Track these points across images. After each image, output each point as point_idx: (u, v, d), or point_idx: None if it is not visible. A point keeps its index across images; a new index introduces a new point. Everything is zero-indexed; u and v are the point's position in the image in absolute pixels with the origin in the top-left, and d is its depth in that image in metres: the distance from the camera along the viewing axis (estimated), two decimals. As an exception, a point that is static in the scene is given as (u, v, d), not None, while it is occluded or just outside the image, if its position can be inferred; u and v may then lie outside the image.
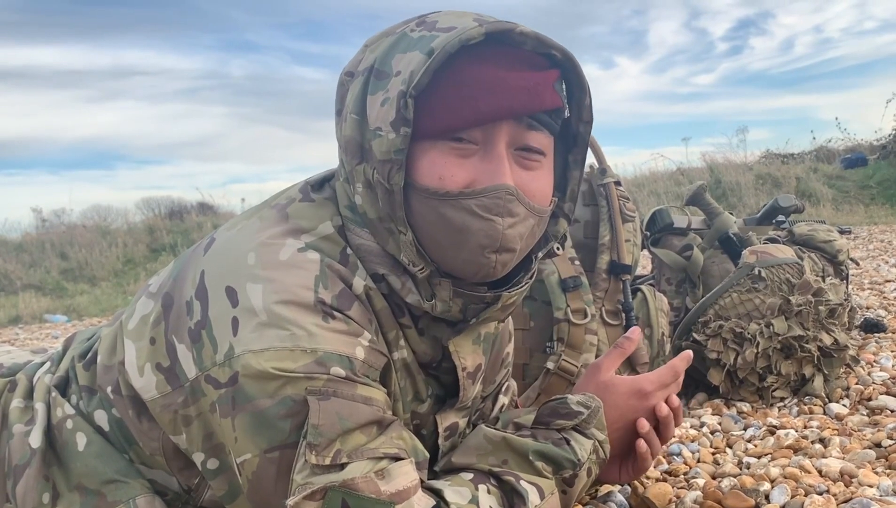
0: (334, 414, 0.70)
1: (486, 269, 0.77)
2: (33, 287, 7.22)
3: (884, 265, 3.66)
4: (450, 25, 0.74)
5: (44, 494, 0.82)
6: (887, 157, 9.07)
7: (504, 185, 0.74)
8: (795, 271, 1.60)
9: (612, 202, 1.48)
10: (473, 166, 0.75)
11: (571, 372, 1.34)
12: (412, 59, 0.73)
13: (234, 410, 0.72)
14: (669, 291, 1.93)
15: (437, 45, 0.72)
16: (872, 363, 1.76)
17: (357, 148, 0.76)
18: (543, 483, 0.83)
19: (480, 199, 0.74)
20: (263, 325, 0.71)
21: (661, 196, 8.35)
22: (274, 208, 0.83)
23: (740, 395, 1.56)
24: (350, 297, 0.76)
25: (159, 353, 0.78)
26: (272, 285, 0.73)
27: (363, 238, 0.80)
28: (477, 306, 0.82)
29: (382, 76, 0.75)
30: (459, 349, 0.86)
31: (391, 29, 0.79)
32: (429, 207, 0.75)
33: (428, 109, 0.73)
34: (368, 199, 0.77)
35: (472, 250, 0.75)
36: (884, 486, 1.05)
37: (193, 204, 9.88)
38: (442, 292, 0.79)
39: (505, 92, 0.73)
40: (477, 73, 0.73)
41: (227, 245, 0.79)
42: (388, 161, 0.73)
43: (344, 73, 0.80)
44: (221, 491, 0.78)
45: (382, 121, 0.73)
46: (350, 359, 0.73)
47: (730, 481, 1.12)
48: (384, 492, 0.70)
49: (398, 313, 0.82)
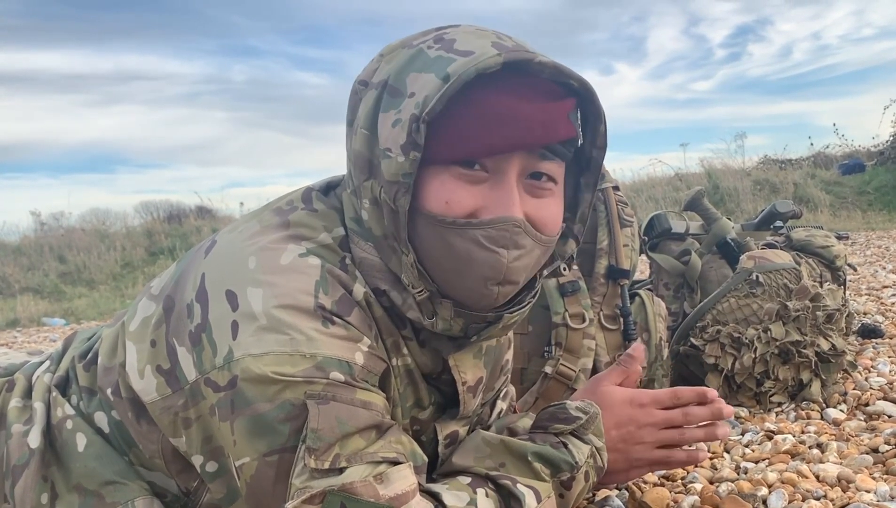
0: (333, 418, 0.70)
1: (487, 300, 0.77)
2: (31, 290, 7.21)
3: (881, 271, 3.66)
4: (467, 49, 0.73)
5: (42, 494, 0.82)
6: (885, 163, 9.09)
7: (512, 217, 0.73)
8: (793, 276, 1.61)
9: (610, 207, 1.48)
10: (482, 194, 0.74)
11: (569, 377, 1.34)
12: (427, 82, 0.72)
13: (233, 413, 0.72)
14: (667, 296, 1.93)
15: (453, 70, 0.71)
16: (870, 368, 1.77)
17: (366, 164, 0.76)
18: (541, 487, 0.83)
19: (487, 230, 0.73)
20: (263, 329, 0.71)
21: (659, 201, 8.37)
22: (275, 212, 0.83)
23: (738, 400, 1.56)
24: (350, 302, 0.77)
25: (160, 355, 0.78)
26: (272, 290, 0.73)
27: (367, 252, 0.79)
28: (478, 325, 0.82)
29: (396, 94, 0.74)
30: (460, 363, 0.86)
31: (408, 40, 0.78)
32: (434, 232, 0.74)
33: (440, 135, 0.72)
34: (374, 216, 0.77)
35: (474, 280, 0.75)
36: (881, 491, 1.05)
37: (192, 208, 9.90)
38: (443, 311, 0.79)
39: (519, 124, 0.72)
40: (493, 102, 0.72)
41: (228, 248, 0.79)
42: (396, 183, 0.72)
43: (358, 81, 0.79)
44: (220, 494, 0.78)
45: (393, 142, 0.72)
46: (349, 364, 0.73)
47: (727, 486, 1.12)
48: (383, 496, 0.70)
49: (399, 325, 0.82)
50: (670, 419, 0.96)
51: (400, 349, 0.82)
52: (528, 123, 0.73)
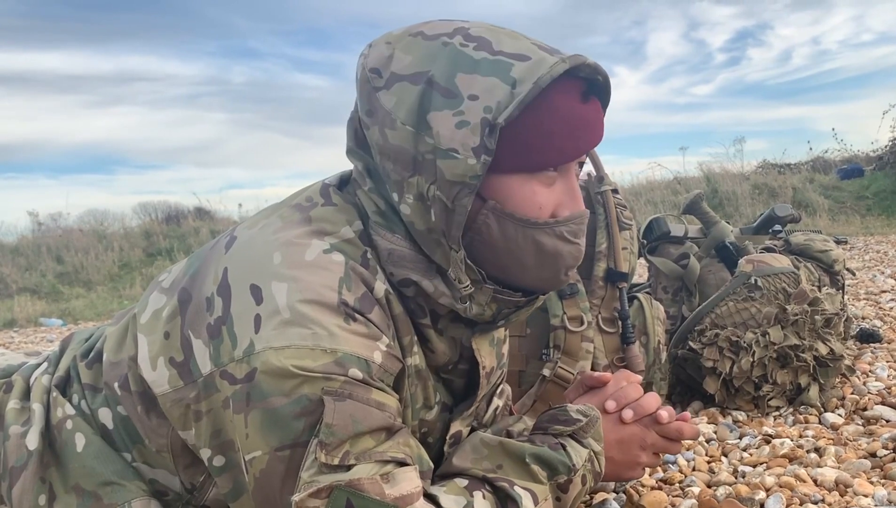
0: (348, 416, 0.71)
1: (561, 284, 0.84)
2: (29, 291, 7.20)
3: (879, 276, 3.66)
4: (517, 52, 0.75)
5: (40, 496, 0.82)
6: (883, 168, 9.09)
7: (585, 211, 0.82)
8: (792, 280, 1.61)
9: (609, 210, 1.48)
10: (556, 194, 0.80)
11: (567, 379, 1.34)
12: (492, 87, 0.73)
13: (248, 406, 0.72)
14: (666, 299, 1.93)
15: (520, 76, 0.73)
16: (868, 373, 1.77)
17: (409, 160, 0.76)
18: (537, 489, 0.83)
19: (570, 225, 0.80)
20: (286, 323, 0.72)
21: (657, 205, 8.37)
22: (296, 208, 0.83)
23: (736, 404, 1.56)
24: (371, 300, 0.77)
25: (173, 347, 0.78)
26: (297, 285, 0.73)
27: (395, 243, 0.80)
28: (509, 310, 0.85)
29: (449, 95, 0.74)
30: (480, 347, 0.89)
31: (414, 29, 0.79)
32: (524, 234, 0.78)
33: (512, 139, 0.75)
34: (419, 211, 0.77)
35: (556, 271, 0.82)
36: (879, 496, 1.06)
37: (190, 209, 9.89)
38: (480, 297, 0.81)
39: (591, 126, 0.79)
40: (569, 108, 0.77)
41: (252, 243, 0.79)
42: (460, 183, 0.74)
43: (368, 69, 0.79)
44: (226, 489, 0.79)
45: (460, 144, 0.73)
46: (368, 362, 0.73)
47: (725, 489, 1.12)
48: (388, 495, 0.71)
49: (419, 315, 0.83)
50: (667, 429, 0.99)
51: (413, 349, 0.82)
52: (595, 126, 0.80)
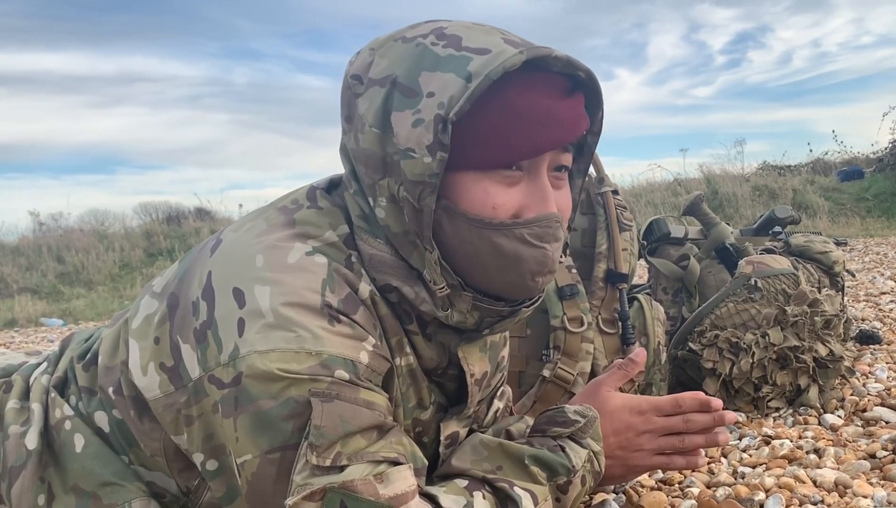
0: (336, 417, 0.70)
1: (531, 292, 0.80)
2: (29, 291, 7.20)
3: (879, 278, 3.66)
4: (480, 46, 0.73)
5: (39, 496, 0.82)
6: (883, 170, 9.10)
7: (553, 213, 0.77)
8: (791, 281, 1.61)
9: (609, 211, 1.48)
10: (521, 194, 0.76)
11: (567, 380, 1.34)
12: (448, 82, 0.72)
13: (237, 410, 0.72)
14: (666, 300, 1.93)
15: (476, 70, 0.71)
16: (867, 374, 1.77)
17: (379, 162, 0.75)
18: (537, 490, 0.83)
19: (532, 228, 0.76)
20: (270, 326, 0.72)
21: (658, 206, 8.37)
22: (281, 211, 0.83)
23: (735, 405, 1.56)
24: (356, 301, 0.77)
25: (163, 352, 0.78)
26: (280, 288, 0.73)
27: (376, 249, 0.80)
28: (492, 319, 0.83)
29: (410, 93, 0.73)
30: (468, 355, 0.87)
31: (398, 34, 0.78)
32: (477, 234, 0.75)
33: (469, 135, 0.73)
34: (392, 213, 0.77)
35: (521, 275, 0.77)
36: (878, 497, 1.06)
37: (191, 209, 9.90)
38: (461, 305, 0.80)
39: (556, 123, 0.74)
40: (528, 102, 0.73)
41: (235, 247, 0.79)
42: (420, 183, 0.72)
43: (350, 75, 0.79)
44: (220, 493, 0.78)
45: (416, 143, 0.72)
46: (354, 363, 0.73)
47: (724, 490, 1.12)
48: (383, 495, 0.70)
49: (405, 320, 0.82)
50: (670, 427, 0.97)
51: (403, 349, 0.82)
52: (563, 121, 0.75)
